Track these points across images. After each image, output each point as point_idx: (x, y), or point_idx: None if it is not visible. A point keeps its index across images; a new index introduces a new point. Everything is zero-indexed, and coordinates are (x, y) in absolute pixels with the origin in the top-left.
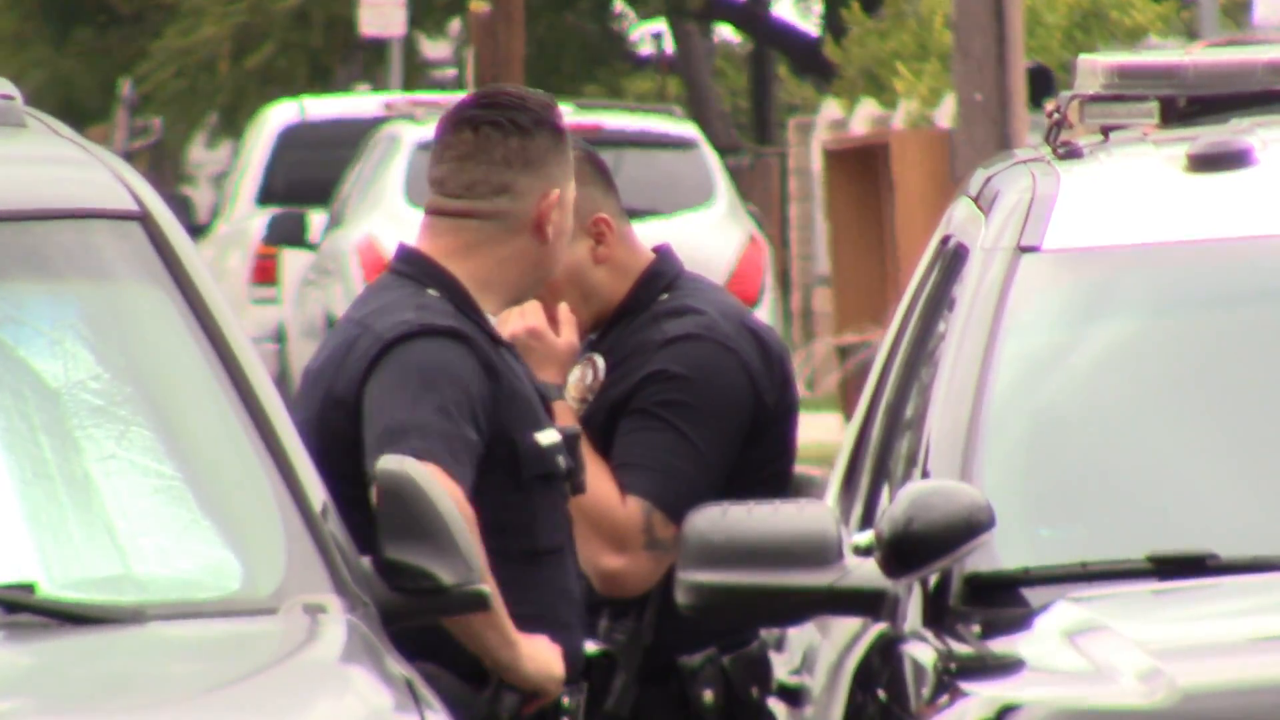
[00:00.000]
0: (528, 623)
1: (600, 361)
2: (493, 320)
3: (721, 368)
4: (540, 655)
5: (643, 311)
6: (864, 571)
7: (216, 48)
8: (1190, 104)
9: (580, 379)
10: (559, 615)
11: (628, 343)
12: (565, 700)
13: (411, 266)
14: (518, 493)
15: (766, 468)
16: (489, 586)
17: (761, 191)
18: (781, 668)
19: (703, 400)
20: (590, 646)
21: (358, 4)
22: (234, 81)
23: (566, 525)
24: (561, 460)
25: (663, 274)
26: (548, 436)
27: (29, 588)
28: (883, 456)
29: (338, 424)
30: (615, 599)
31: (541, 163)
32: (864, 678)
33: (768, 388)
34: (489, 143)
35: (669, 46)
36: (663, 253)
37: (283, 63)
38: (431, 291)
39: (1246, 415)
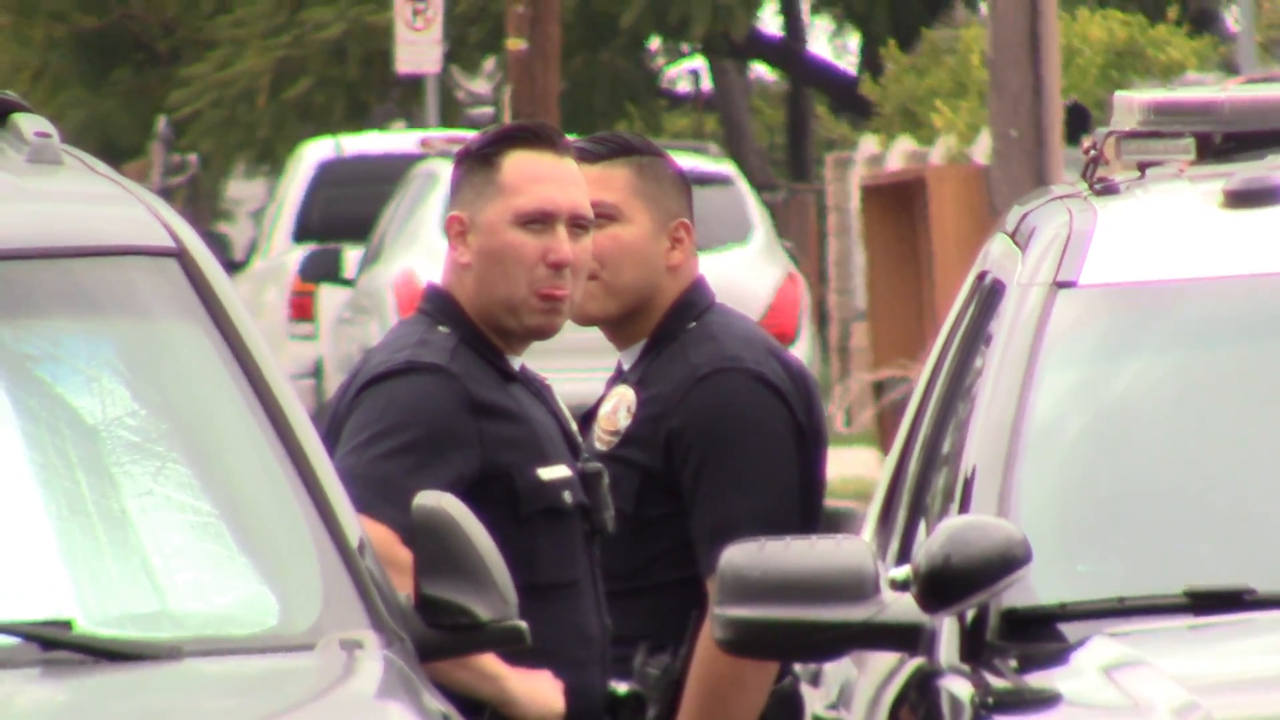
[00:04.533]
0: (529, 657)
1: (632, 395)
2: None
3: (756, 397)
4: (536, 688)
5: (672, 341)
6: (901, 606)
7: (255, 80)
8: (1226, 140)
9: (612, 412)
10: (567, 651)
11: (656, 375)
12: None
13: (429, 304)
14: (518, 526)
15: (801, 498)
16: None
17: (798, 228)
18: (818, 702)
19: (744, 433)
20: (622, 686)
21: (394, 40)
22: (272, 115)
23: (582, 561)
24: (568, 496)
25: (694, 304)
26: (553, 472)
27: (66, 624)
28: (919, 491)
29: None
30: (651, 635)
31: None
32: (901, 712)
33: (800, 409)
34: None
35: (706, 84)
36: (697, 283)
37: (320, 98)
38: (441, 328)
39: None
